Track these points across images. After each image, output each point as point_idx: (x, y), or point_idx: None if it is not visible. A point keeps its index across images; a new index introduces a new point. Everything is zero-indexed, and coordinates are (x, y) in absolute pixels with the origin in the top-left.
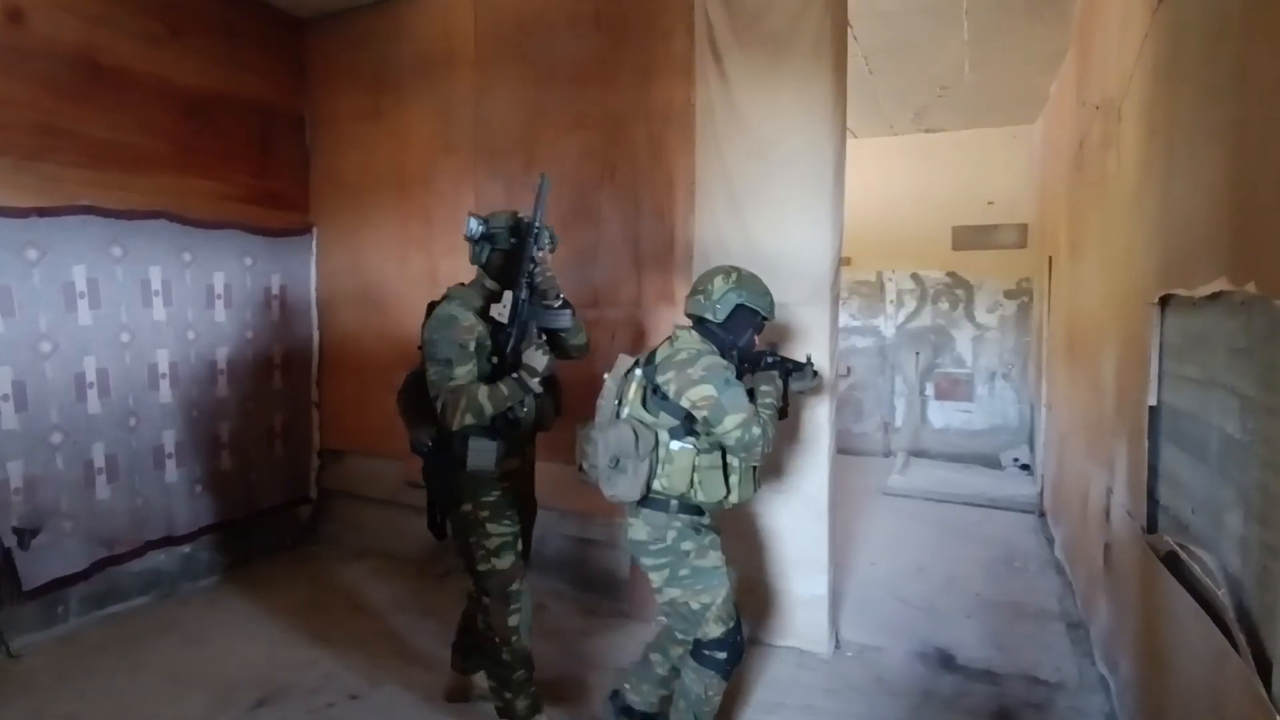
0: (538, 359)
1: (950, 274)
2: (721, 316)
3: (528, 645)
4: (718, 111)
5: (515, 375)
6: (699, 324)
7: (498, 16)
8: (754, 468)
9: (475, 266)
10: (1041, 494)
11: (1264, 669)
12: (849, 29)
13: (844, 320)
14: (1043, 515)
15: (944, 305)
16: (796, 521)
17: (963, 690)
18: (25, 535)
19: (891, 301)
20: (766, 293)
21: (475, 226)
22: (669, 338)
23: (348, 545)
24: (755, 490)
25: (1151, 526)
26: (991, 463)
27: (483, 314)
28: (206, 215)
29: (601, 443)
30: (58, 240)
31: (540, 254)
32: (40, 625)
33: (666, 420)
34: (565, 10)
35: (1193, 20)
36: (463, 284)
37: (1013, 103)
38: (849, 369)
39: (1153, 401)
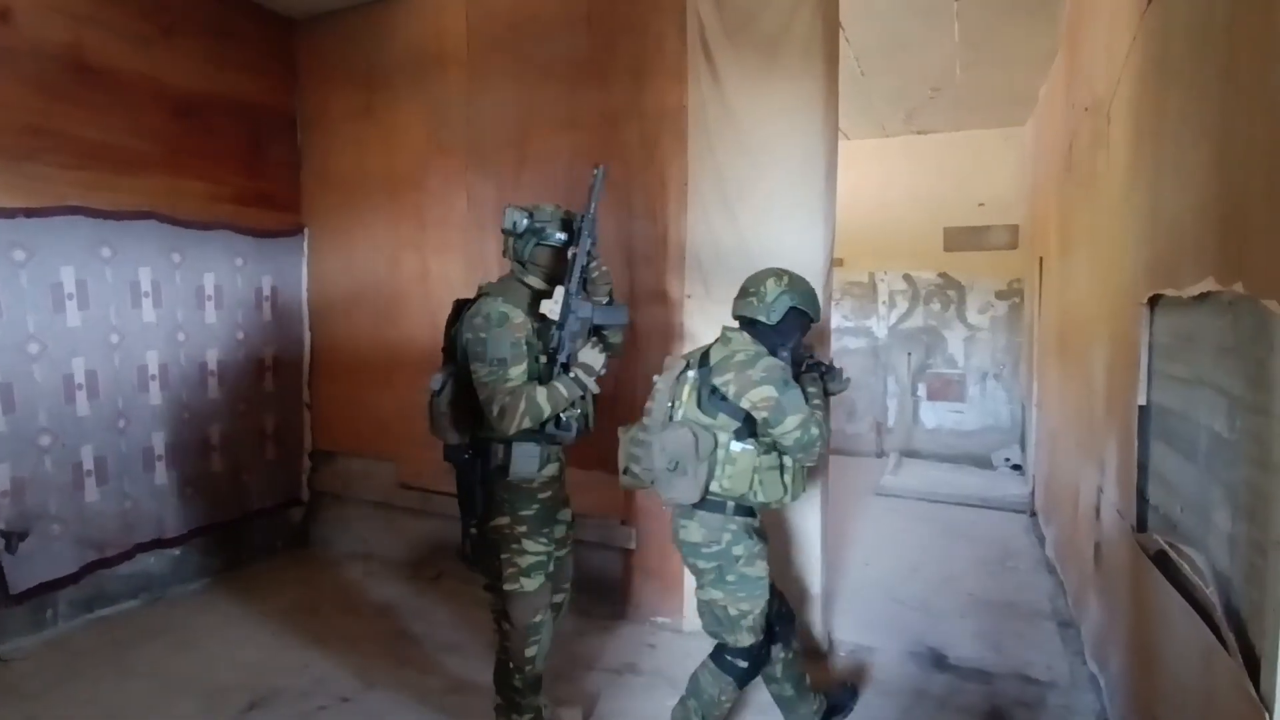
0: (594, 357)
1: (942, 275)
2: (775, 319)
3: (541, 671)
4: (710, 112)
5: (573, 375)
6: (749, 325)
7: (490, 16)
8: (804, 468)
9: (513, 262)
10: (1033, 493)
11: (1252, 666)
12: (840, 30)
13: (836, 321)
14: (1034, 515)
15: (936, 306)
16: (789, 521)
17: (955, 689)
18: (13, 538)
19: (884, 302)
20: (815, 295)
21: (520, 220)
22: (720, 339)
23: (339, 547)
24: (804, 490)
25: (1141, 525)
26: (983, 463)
27: (530, 311)
28: (196, 216)
29: (657, 445)
30: (46, 241)
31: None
32: (28, 629)
33: (725, 422)
34: (557, 10)
35: (1180, 22)
36: (496, 280)
37: (1004, 104)
38: (841, 369)
39: (1142, 401)
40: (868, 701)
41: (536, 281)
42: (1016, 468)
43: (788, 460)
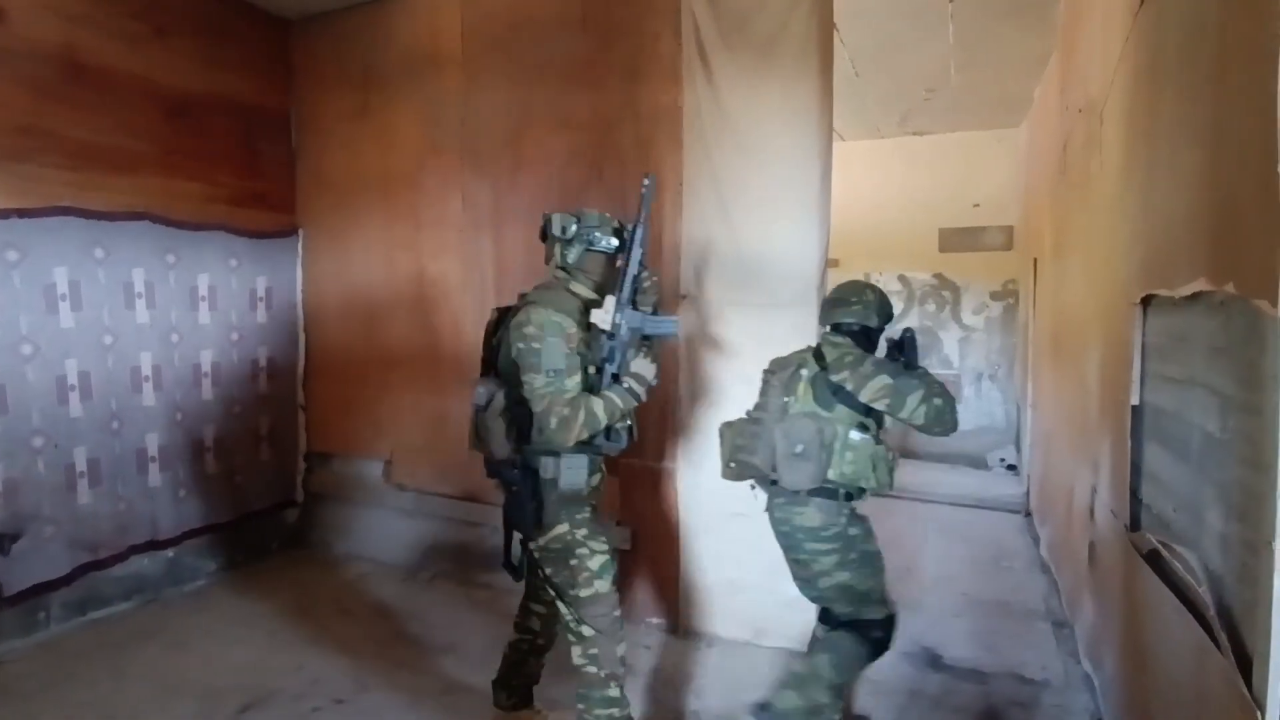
0: (646, 367)
1: (937, 276)
2: (877, 322)
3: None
4: (705, 113)
5: (626, 385)
6: (850, 331)
7: (485, 17)
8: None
9: (557, 269)
10: (1027, 494)
11: (1244, 665)
12: (835, 31)
13: None
14: (1029, 515)
15: (931, 307)
16: None
17: (950, 689)
18: (5, 540)
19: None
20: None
21: (570, 225)
22: (824, 343)
23: (334, 549)
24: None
25: (1135, 525)
26: (978, 463)
27: (578, 320)
28: (190, 216)
29: (779, 433)
30: (38, 242)
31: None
32: (21, 632)
33: (844, 414)
34: (552, 11)
35: (1172, 24)
36: (536, 287)
37: (998, 106)
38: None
39: (1135, 401)
40: (863, 702)
41: (584, 289)
42: (1011, 468)
43: (885, 450)
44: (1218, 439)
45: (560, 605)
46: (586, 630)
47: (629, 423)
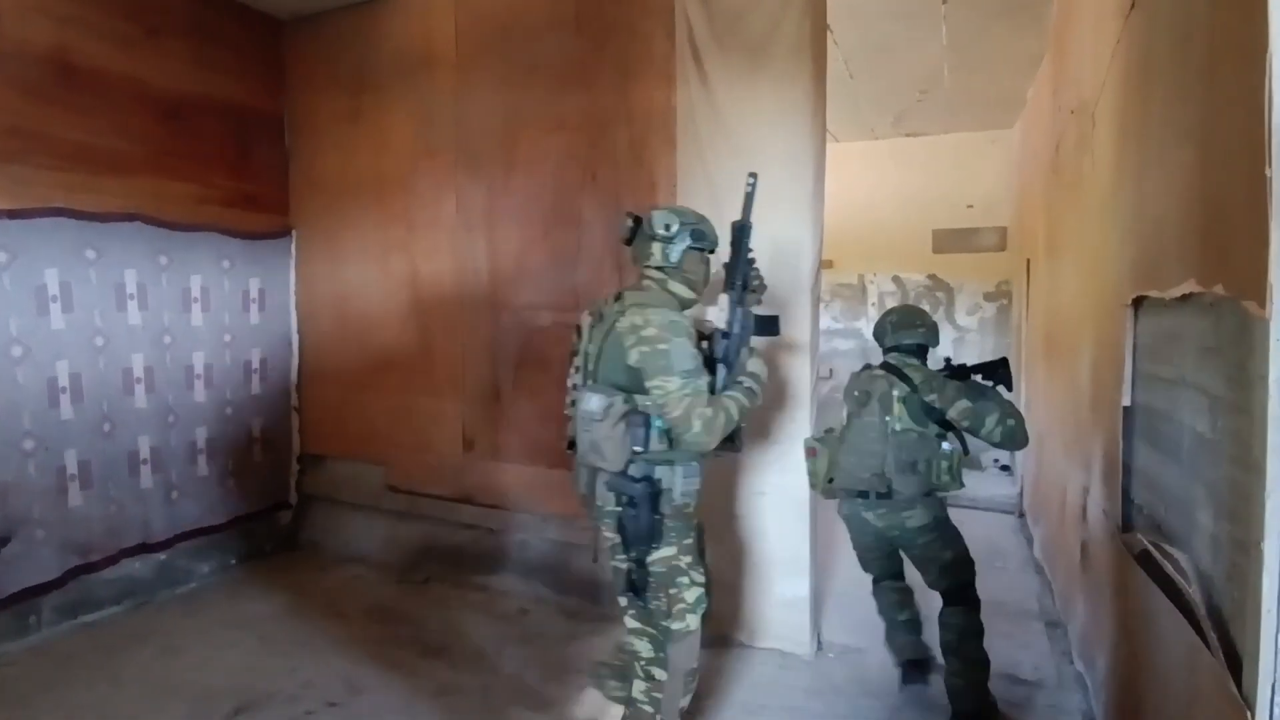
0: (760, 366)
1: (931, 276)
2: (935, 344)
3: None
4: (698, 113)
5: (747, 385)
6: (912, 350)
7: (478, 18)
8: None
9: (653, 269)
10: (1021, 494)
11: (1234, 665)
12: (829, 32)
13: (826, 323)
14: (1022, 516)
15: (925, 307)
16: (779, 522)
17: (943, 689)
18: None
19: (873, 304)
20: None
21: (671, 223)
22: (908, 366)
23: (328, 551)
24: None
25: (1127, 525)
26: (972, 464)
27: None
28: (183, 218)
29: (891, 449)
30: (29, 243)
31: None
32: (11, 635)
33: (935, 429)
34: (545, 13)
35: (1162, 25)
36: (630, 289)
37: (991, 107)
38: (831, 371)
39: (1127, 402)
40: (856, 703)
41: (682, 290)
42: (1005, 469)
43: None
44: (1208, 439)
45: (635, 640)
46: (659, 674)
47: (745, 425)
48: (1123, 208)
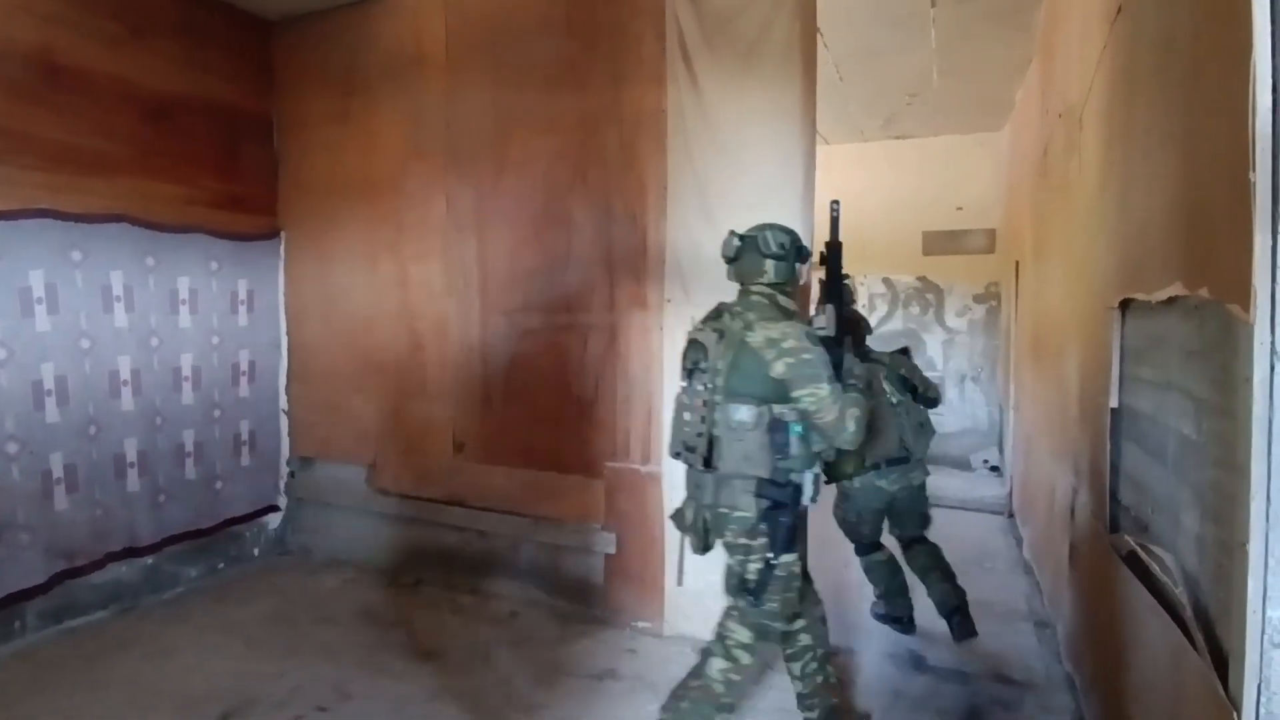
0: (858, 374)
1: (921, 278)
2: None
3: None
4: (688, 116)
5: (860, 388)
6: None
7: (468, 20)
8: None
9: (765, 285)
10: (1010, 495)
11: (1220, 665)
12: (819, 36)
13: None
14: (1011, 516)
15: (915, 309)
16: None
17: (933, 690)
18: None
19: (863, 305)
20: None
21: (784, 241)
22: (878, 353)
23: (317, 554)
24: None
25: (1114, 526)
26: (962, 465)
27: None
28: (170, 219)
29: (907, 418)
30: (13, 244)
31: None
32: None
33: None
34: (536, 14)
35: (1148, 31)
36: (739, 304)
37: (980, 110)
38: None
39: (1114, 404)
40: (851, 703)
41: (790, 303)
42: (994, 469)
43: None
44: (1193, 441)
45: (733, 623)
46: (746, 659)
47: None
48: (1109, 211)
